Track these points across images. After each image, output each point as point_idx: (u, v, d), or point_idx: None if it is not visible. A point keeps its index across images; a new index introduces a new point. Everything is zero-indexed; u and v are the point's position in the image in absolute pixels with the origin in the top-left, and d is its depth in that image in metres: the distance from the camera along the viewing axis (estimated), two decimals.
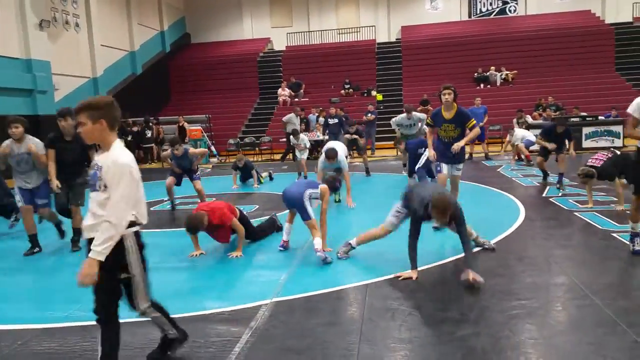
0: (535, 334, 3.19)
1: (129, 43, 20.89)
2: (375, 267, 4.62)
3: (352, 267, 4.75)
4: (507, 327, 3.28)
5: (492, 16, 24.06)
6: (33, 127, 5.84)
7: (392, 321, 3.46)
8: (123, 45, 20.52)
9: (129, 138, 16.73)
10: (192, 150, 8.19)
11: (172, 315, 2.99)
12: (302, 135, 11.45)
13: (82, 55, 17.85)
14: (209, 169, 14.49)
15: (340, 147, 8.14)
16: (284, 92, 21.00)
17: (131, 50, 20.97)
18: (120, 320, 2.69)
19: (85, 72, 17.97)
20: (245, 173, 10.44)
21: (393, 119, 10.55)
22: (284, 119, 15.36)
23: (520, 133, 11.66)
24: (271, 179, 11.00)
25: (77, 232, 5.77)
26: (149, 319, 2.85)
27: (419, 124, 9.91)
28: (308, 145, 11.38)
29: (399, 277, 4.25)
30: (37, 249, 5.79)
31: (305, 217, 4.98)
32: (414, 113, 10.10)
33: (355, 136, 13.09)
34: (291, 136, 11.98)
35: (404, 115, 10.11)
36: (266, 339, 3.29)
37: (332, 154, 7.44)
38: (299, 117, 15.37)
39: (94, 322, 2.62)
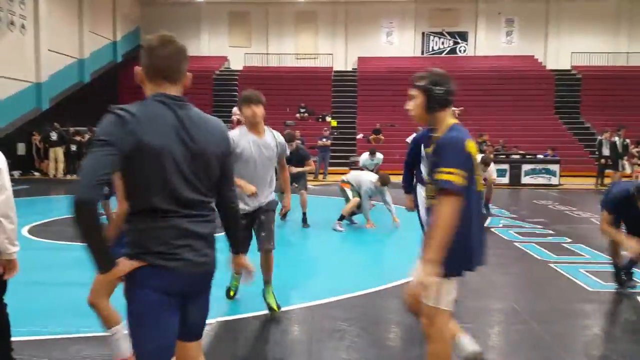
0: None
1: (78, 50, 20.20)
2: (321, 288, 4.59)
3: (299, 287, 4.71)
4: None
5: (443, 54, 25.20)
6: None
7: (341, 342, 3.44)
8: (72, 52, 19.82)
9: (74, 148, 16.03)
10: None
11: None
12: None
13: (27, 58, 17.05)
14: None
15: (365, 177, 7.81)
16: (238, 112, 20.86)
17: (80, 57, 20.28)
18: None
19: (28, 76, 17.14)
20: None
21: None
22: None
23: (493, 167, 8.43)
24: None
25: None
26: None
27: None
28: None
29: None
30: None
31: None
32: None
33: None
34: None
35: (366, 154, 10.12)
36: (212, 357, 3.17)
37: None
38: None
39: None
